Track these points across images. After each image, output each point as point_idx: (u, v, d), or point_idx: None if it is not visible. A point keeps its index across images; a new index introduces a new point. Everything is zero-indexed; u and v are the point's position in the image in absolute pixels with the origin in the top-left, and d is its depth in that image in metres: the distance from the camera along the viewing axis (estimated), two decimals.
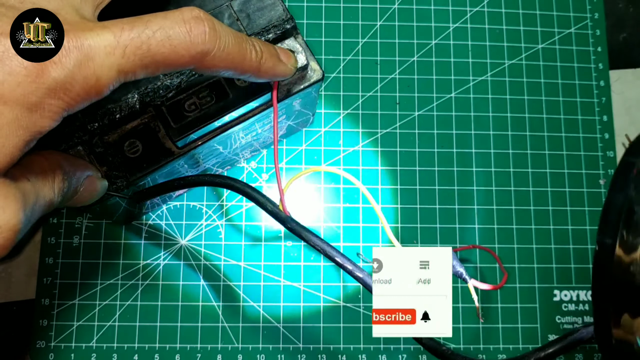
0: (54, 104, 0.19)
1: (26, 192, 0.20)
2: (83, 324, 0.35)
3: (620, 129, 0.40)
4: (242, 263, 0.36)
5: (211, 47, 0.21)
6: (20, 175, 0.20)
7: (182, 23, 0.20)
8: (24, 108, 0.18)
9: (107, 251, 0.36)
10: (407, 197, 0.38)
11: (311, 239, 0.26)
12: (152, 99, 0.26)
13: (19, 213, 0.19)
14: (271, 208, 0.26)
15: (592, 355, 0.37)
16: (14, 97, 0.18)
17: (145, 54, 0.19)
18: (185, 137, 0.27)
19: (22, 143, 0.19)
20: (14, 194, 0.19)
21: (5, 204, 0.19)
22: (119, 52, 0.19)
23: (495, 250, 0.37)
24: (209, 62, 0.21)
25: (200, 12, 0.20)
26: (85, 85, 0.19)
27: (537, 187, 0.39)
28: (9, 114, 0.18)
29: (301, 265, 0.37)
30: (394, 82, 0.39)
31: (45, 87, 0.18)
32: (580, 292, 0.37)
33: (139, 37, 0.19)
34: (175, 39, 0.20)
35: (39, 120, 0.19)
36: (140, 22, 0.19)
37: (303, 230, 0.26)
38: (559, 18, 0.41)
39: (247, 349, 0.35)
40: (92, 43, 0.18)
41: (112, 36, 0.19)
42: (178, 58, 0.20)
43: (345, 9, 0.40)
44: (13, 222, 0.19)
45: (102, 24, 0.19)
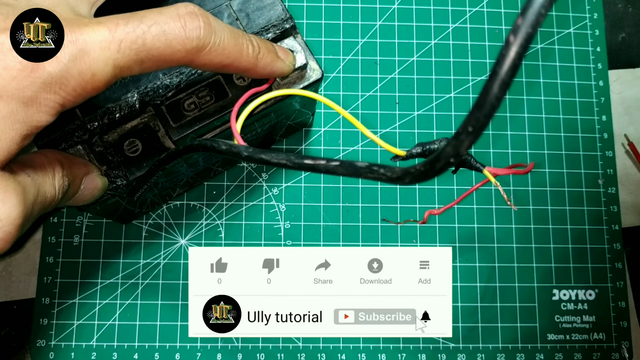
0: (50, 99, 0.19)
1: (26, 187, 0.20)
2: (83, 323, 0.35)
3: (619, 128, 0.40)
4: None
5: (206, 41, 0.21)
6: (20, 170, 0.20)
7: (176, 18, 0.20)
8: (20, 102, 0.18)
9: (107, 250, 0.36)
10: (406, 197, 0.38)
11: (273, 158, 0.21)
12: (151, 98, 0.26)
13: (20, 206, 0.19)
14: (225, 144, 0.23)
15: (590, 355, 0.37)
16: (9, 91, 0.18)
17: (140, 49, 0.19)
18: (185, 136, 0.27)
19: (20, 137, 0.19)
20: (13, 188, 0.19)
21: (5, 197, 0.19)
22: (114, 46, 0.19)
23: (495, 250, 0.38)
24: (205, 57, 0.21)
25: (195, 8, 0.21)
26: (81, 80, 0.19)
27: (536, 187, 0.39)
28: (5, 108, 0.18)
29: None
30: (393, 82, 0.40)
31: (40, 81, 0.18)
32: (580, 291, 0.37)
33: (134, 32, 0.19)
34: (170, 34, 0.20)
35: (36, 114, 0.19)
36: (135, 18, 0.20)
37: (261, 154, 0.21)
38: (558, 18, 0.41)
39: (246, 347, 0.35)
40: (87, 38, 0.19)
41: (107, 31, 0.19)
42: (173, 53, 0.20)
43: (344, 8, 0.40)
44: (13, 215, 0.19)
45: (97, 20, 0.19)
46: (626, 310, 0.37)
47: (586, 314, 0.37)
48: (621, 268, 0.38)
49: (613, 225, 0.39)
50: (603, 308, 0.37)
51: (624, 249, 0.38)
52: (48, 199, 0.21)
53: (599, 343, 0.37)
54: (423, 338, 0.36)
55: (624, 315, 0.37)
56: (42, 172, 0.21)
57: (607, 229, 0.38)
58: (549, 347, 0.37)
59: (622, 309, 0.37)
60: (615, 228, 0.39)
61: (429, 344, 0.36)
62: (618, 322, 0.37)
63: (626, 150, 0.40)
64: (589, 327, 0.37)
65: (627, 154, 0.40)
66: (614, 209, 0.39)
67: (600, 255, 0.38)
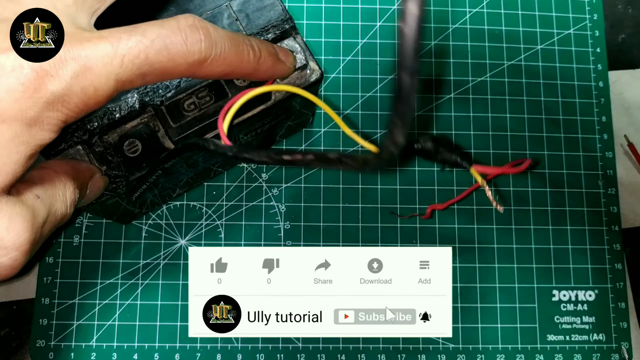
0: (52, 117, 0.18)
1: (35, 209, 0.19)
2: (83, 323, 0.35)
3: (619, 129, 0.40)
4: None
5: (208, 54, 0.20)
6: (27, 192, 0.20)
7: (178, 32, 0.20)
8: (23, 124, 0.18)
9: (107, 250, 0.36)
10: (406, 197, 0.38)
11: (255, 156, 0.22)
12: (151, 98, 0.26)
13: (27, 232, 0.19)
14: (214, 144, 0.24)
15: (590, 356, 0.37)
16: (12, 114, 0.18)
17: (143, 63, 0.19)
18: (185, 137, 0.27)
19: (24, 159, 0.18)
20: (19, 213, 0.19)
21: (10, 226, 0.18)
22: (116, 61, 0.19)
23: (495, 250, 0.38)
24: (207, 69, 0.21)
25: (195, 20, 0.20)
26: (84, 96, 0.19)
27: (535, 187, 0.39)
28: (8, 131, 0.18)
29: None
30: (393, 83, 0.40)
31: (43, 101, 0.18)
32: (579, 292, 0.37)
33: (137, 47, 0.19)
34: (172, 48, 0.20)
35: (39, 133, 0.18)
36: (137, 32, 0.19)
37: (245, 152, 0.23)
38: (558, 19, 0.41)
39: (246, 348, 0.35)
40: (89, 53, 0.18)
41: (110, 46, 0.19)
42: (175, 67, 0.20)
43: (345, 9, 0.41)
44: (20, 241, 0.19)
45: (99, 34, 0.19)
46: (626, 311, 0.37)
47: (586, 315, 0.37)
48: (621, 269, 0.38)
49: (613, 226, 0.39)
50: (603, 309, 0.37)
51: (623, 249, 0.38)
52: (59, 217, 0.21)
53: (598, 344, 0.37)
54: (423, 338, 0.36)
55: (624, 316, 0.37)
56: (52, 189, 0.21)
57: (606, 230, 0.38)
58: (549, 348, 0.37)
59: (622, 310, 0.37)
60: (615, 229, 0.39)
61: (429, 345, 0.36)
62: (618, 323, 0.37)
63: (626, 151, 0.40)
64: (589, 328, 0.37)
65: (626, 154, 0.40)
66: (614, 209, 0.39)
67: (600, 256, 0.38)
